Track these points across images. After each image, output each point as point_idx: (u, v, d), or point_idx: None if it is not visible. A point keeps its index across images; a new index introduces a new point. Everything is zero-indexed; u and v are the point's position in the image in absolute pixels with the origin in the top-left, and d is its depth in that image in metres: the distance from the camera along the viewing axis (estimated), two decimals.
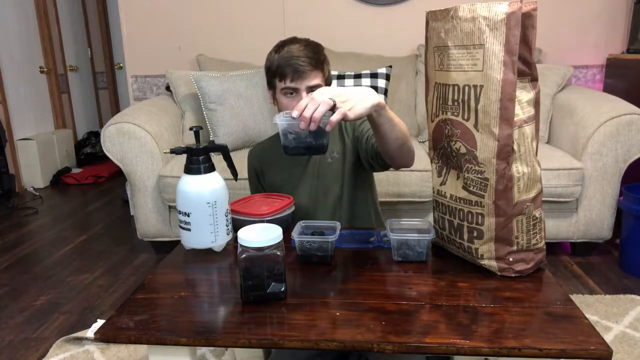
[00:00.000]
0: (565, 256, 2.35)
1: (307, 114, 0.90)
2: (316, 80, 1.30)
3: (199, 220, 1.11)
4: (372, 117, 1.03)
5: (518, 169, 0.94)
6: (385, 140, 1.12)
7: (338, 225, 1.14)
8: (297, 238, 1.08)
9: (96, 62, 4.98)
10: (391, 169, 1.31)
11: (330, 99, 0.92)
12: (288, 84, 1.29)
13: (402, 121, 1.14)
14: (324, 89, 0.98)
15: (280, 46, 1.32)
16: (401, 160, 1.21)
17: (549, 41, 2.89)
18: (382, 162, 1.28)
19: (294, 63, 1.27)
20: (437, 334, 0.80)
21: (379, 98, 0.99)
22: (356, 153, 1.40)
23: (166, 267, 1.10)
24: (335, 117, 0.90)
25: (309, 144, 0.96)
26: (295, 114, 0.91)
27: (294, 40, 1.33)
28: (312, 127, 0.90)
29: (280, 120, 0.94)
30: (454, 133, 0.98)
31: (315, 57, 1.30)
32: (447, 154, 1.03)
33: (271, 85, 1.36)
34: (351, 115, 0.93)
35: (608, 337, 1.67)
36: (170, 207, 2.33)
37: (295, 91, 1.30)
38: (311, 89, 1.28)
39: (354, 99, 0.95)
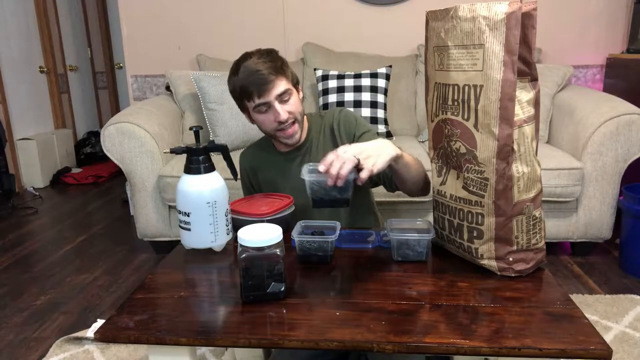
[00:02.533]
0: (565, 256, 2.35)
1: (333, 171, 0.95)
2: (282, 86, 1.28)
3: (199, 220, 1.11)
4: (391, 165, 1.08)
5: (518, 168, 0.94)
6: (403, 181, 1.18)
7: (338, 225, 1.14)
8: (297, 238, 1.08)
9: (96, 62, 4.98)
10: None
11: (354, 156, 0.97)
12: (257, 101, 1.27)
13: (414, 150, 1.19)
14: (346, 146, 1.01)
15: (236, 66, 1.30)
16: (418, 194, 1.26)
17: (549, 41, 2.89)
18: (394, 187, 1.29)
19: (255, 79, 1.25)
20: (437, 334, 0.80)
21: (396, 150, 1.06)
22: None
23: (166, 267, 1.10)
24: (364, 175, 0.96)
25: (334, 197, 1.01)
26: (321, 168, 0.97)
27: (247, 57, 1.30)
28: (339, 183, 0.96)
29: (309, 177, 0.99)
30: (454, 133, 0.98)
31: (272, 64, 1.27)
32: (447, 153, 1.03)
33: (243, 108, 1.35)
34: (375, 170, 0.99)
35: (608, 337, 1.67)
36: (170, 207, 2.33)
37: (266, 105, 1.28)
38: (280, 97, 1.28)
39: (375, 154, 1.01)
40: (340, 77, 2.60)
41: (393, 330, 0.81)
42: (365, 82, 2.57)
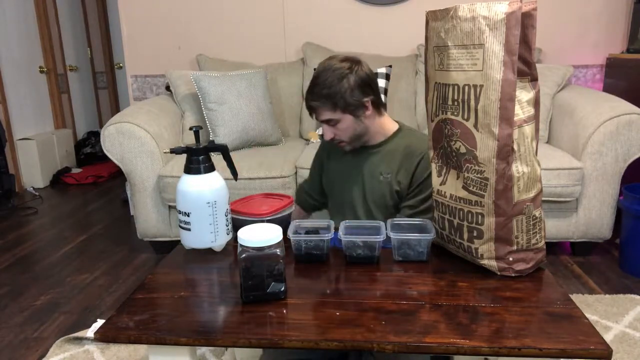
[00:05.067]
0: (565, 256, 2.35)
1: None
2: (325, 116, 1.31)
3: (199, 220, 1.11)
4: None
5: (518, 168, 0.94)
6: None
7: (332, 223, 1.14)
8: (293, 237, 1.08)
9: (96, 62, 4.98)
10: None
11: None
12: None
13: None
14: None
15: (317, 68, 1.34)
16: None
17: (549, 41, 2.89)
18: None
19: (306, 98, 1.30)
20: (437, 334, 0.80)
21: None
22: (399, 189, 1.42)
23: (166, 267, 1.10)
24: None
25: (367, 255, 1.09)
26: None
27: (321, 65, 1.31)
28: None
29: (345, 237, 1.08)
30: (454, 133, 0.98)
31: (321, 92, 1.28)
32: (447, 153, 1.03)
33: None
34: None
35: (608, 337, 1.67)
36: (170, 207, 2.33)
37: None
38: (327, 122, 1.32)
39: None
40: None
41: (393, 330, 0.81)
42: None
